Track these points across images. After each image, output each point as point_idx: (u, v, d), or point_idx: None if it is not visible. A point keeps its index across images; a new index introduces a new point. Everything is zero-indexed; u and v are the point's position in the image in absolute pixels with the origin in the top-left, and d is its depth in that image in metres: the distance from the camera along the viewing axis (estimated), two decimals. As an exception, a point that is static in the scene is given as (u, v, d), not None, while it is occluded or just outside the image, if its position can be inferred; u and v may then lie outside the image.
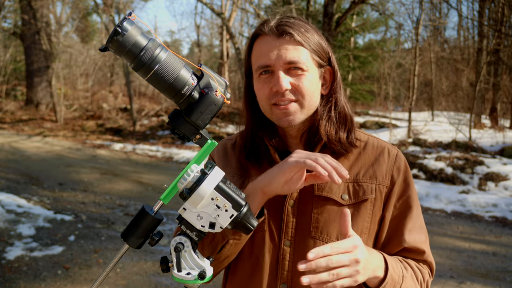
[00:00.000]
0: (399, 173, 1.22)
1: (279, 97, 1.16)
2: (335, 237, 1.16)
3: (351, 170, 1.21)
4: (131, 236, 0.96)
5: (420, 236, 1.20)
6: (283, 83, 1.14)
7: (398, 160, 1.24)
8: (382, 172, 1.21)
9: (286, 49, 1.15)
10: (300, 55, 1.15)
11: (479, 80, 13.30)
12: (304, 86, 1.16)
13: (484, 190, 8.52)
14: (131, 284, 4.13)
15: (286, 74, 1.15)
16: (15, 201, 6.58)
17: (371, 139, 1.27)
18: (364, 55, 18.39)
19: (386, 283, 1.07)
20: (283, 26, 1.16)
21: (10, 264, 4.40)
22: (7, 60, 21.77)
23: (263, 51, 1.17)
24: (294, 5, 13.02)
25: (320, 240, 1.16)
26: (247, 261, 1.22)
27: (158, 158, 12.60)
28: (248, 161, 1.27)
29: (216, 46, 30.25)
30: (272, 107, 1.18)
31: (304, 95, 1.16)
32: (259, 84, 1.19)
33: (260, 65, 1.17)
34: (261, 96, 1.19)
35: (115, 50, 0.87)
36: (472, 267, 4.93)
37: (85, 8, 23.56)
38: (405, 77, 20.29)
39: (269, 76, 1.17)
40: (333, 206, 1.17)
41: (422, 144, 11.90)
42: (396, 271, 1.10)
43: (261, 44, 1.18)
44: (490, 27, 13.77)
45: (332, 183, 1.18)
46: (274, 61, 1.15)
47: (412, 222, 1.20)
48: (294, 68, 1.15)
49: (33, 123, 17.73)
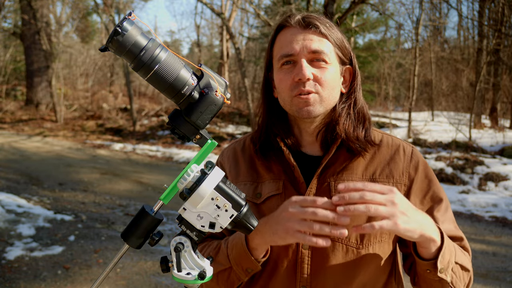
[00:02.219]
0: (416, 171, 1.20)
1: (301, 88, 1.14)
2: (354, 238, 1.15)
3: (367, 169, 1.20)
4: (131, 236, 0.95)
5: (451, 225, 1.19)
6: (306, 72, 1.13)
7: (414, 158, 1.22)
8: (398, 170, 1.20)
9: (311, 39, 1.15)
10: (324, 47, 1.15)
11: (479, 80, 13.30)
12: (326, 78, 1.15)
13: (484, 190, 8.52)
14: (131, 284, 4.13)
15: (309, 64, 1.15)
16: (15, 201, 6.58)
17: (385, 137, 1.27)
18: (364, 55, 18.39)
19: (445, 248, 1.04)
20: (309, 19, 1.17)
21: (10, 264, 4.40)
22: (7, 60, 21.77)
23: (287, 40, 1.17)
24: (294, 5, 13.01)
25: (339, 242, 1.14)
26: (265, 266, 1.20)
27: (158, 158, 12.60)
28: (260, 162, 1.25)
29: (216, 46, 30.24)
30: (293, 99, 1.16)
31: (324, 88, 1.15)
32: (280, 75, 1.18)
33: (283, 54, 1.16)
34: (283, 87, 1.18)
35: (115, 50, 0.87)
36: (472, 267, 4.92)
37: (85, 8, 23.56)
38: (405, 77, 20.29)
39: (291, 67, 1.16)
40: None
41: (422, 144, 11.91)
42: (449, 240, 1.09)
43: (286, 35, 1.18)
44: (490, 27, 13.77)
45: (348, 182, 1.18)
46: (298, 50, 1.14)
47: (441, 214, 1.18)
48: (317, 60, 1.15)
49: (33, 123, 17.73)
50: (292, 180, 1.21)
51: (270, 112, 1.26)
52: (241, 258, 1.12)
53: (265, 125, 1.26)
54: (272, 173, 1.23)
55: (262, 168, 1.25)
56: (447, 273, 1.07)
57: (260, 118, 1.29)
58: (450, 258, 1.07)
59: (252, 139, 1.30)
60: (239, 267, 1.13)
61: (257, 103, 1.32)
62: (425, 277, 1.10)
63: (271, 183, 1.22)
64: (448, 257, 1.06)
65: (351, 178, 1.18)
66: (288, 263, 1.17)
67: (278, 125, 1.24)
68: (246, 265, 1.12)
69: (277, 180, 1.22)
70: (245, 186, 1.25)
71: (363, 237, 1.15)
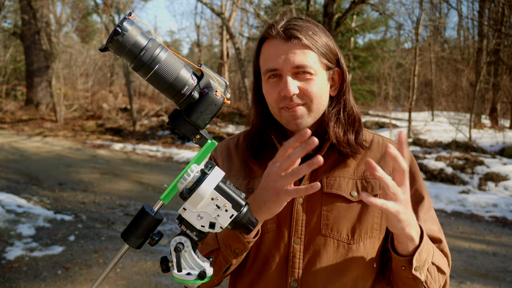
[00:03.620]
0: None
1: (287, 102, 1.15)
2: (345, 233, 1.16)
3: (358, 168, 1.21)
4: (131, 236, 0.96)
5: (434, 226, 1.20)
6: (290, 88, 1.13)
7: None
8: (389, 168, 1.21)
9: (294, 53, 1.13)
10: (308, 59, 1.14)
11: (479, 80, 13.30)
12: (312, 90, 1.15)
13: (484, 190, 8.52)
14: (131, 284, 4.13)
15: (294, 78, 1.15)
16: (15, 201, 6.58)
17: (375, 137, 1.29)
18: (364, 55, 18.37)
19: (423, 246, 1.05)
20: (291, 30, 1.14)
21: (10, 264, 4.40)
22: (7, 60, 21.78)
23: (271, 55, 1.16)
24: (294, 5, 13.01)
25: (330, 237, 1.16)
26: (256, 260, 1.22)
27: (158, 158, 12.60)
28: (253, 159, 1.27)
29: (216, 46, 30.26)
30: (280, 110, 1.18)
31: (312, 99, 1.15)
32: (267, 87, 1.20)
33: (268, 69, 1.17)
34: (270, 99, 1.19)
35: (115, 50, 0.87)
36: (472, 267, 4.93)
37: (85, 8, 23.56)
38: (405, 77, 20.29)
39: (277, 80, 1.17)
40: (342, 203, 1.17)
41: (422, 144, 11.91)
42: (428, 240, 1.09)
43: (269, 48, 1.17)
44: (490, 27, 13.77)
45: (341, 181, 1.19)
46: (282, 65, 1.14)
47: (423, 212, 1.20)
48: (302, 73, 1.14)
49: (33, 123, 17.73)
50: None
51: (262, 113, 1.27)
52: (230, 238, 1.11)
53: (259, 126, 1.27)
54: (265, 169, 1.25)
55: (255, 164, 1.27)
56: (422, 272, 1.08)
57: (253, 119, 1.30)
58: (427, 257, 1.07)
59: (245, 137, 1.31)
60: (227, 248, 1.13)
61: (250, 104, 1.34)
62: (400, 274, 1.11)
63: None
64: (425, 256, 1.07)
65: (343, 175, 1.20)
66: (280, 258, 1.18)
67: (271, 127, 1.26)
68: (235, 245, 1.11)
69: None
70: (237, 181, 1.26)
71: (354, 232, 1.16)
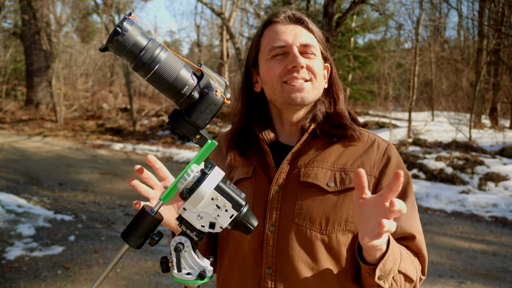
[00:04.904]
0: (388, 165, 1.21)
1: (293, 75, 1.19)
2: (318, 223, 1.16)
3: (340, 159, 1.22)
4: (131, 236, 0.96)
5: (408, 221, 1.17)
6: (300, 59, 1.19)
7: (387, 152, 1.23)
8: (370, 163, 1.21)
9: (302, 34, 1.22)
10: (313, 41, 1.24)
11: (479, 80, 13.30)
12: (316, 68, 1.22)
13: (484, 190, 8.52)
14: (131, 284, 4.13)
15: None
16: (15, 201, 6.58)
17: (368, 135, 1.29)
18: (364, 55, 18.37)
19: (388, 256, 1.03)
20: (297, 15, 1.25)
21: (10, 264, 4.40)
22: (7, 60, 21.79)
23: (279, 33, 1.23)
24: (294, 5, 13.01)
25: (303, 226, 1.16)
26: (232, 247, 1.24)
27: (158, 158, 12.55)
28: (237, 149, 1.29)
29: (216, 46, 30.26)
30: (283, 85, 1.20)
31: (316, 76, 1.22)
32: (270, 64, 1.22)
33: (275, 45, 1.21)
34: (272, 74, 1.22)
35: (115, 50, 0.87)
36: (472, 267, 4.93)
37: (85, 8, 23.57)
38: (405, 77, 20.29)
39: (282, 58, 1.22)
40: (318, 193, 1.17)
41: (422, 144, 11.90)
42: (396, 247, 1.08)
43: (276, 28, 1.24)
44: (490, 27, 13.77)
45: (318, 171, 1.19)
46: (291, 42, 1.20)
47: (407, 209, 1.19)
48: (307, 53, 1.21)
49: (33, 123, 17.73)
50: (264, 165, 1.25)
51: (249, 106, 1.30)
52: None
53: (243, 118, 1.30)
54: (246, 159, 1.28)
55: (238, 155, 1.29)
56: (386, 281, 1.07)
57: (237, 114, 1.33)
58: (392, 266, 1.06)
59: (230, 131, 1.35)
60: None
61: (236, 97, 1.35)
62: (365, 279, 1.11)
63: (243, 168, 1.27)
64: (391, 266, 1.05)
65: (321, 166, 1.20)
66: (255, 244, 1.19)
67: (257, 118, 1.28)
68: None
69: (249, 165, 1.26)
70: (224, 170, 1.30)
71: (327, 223, 1.16)
